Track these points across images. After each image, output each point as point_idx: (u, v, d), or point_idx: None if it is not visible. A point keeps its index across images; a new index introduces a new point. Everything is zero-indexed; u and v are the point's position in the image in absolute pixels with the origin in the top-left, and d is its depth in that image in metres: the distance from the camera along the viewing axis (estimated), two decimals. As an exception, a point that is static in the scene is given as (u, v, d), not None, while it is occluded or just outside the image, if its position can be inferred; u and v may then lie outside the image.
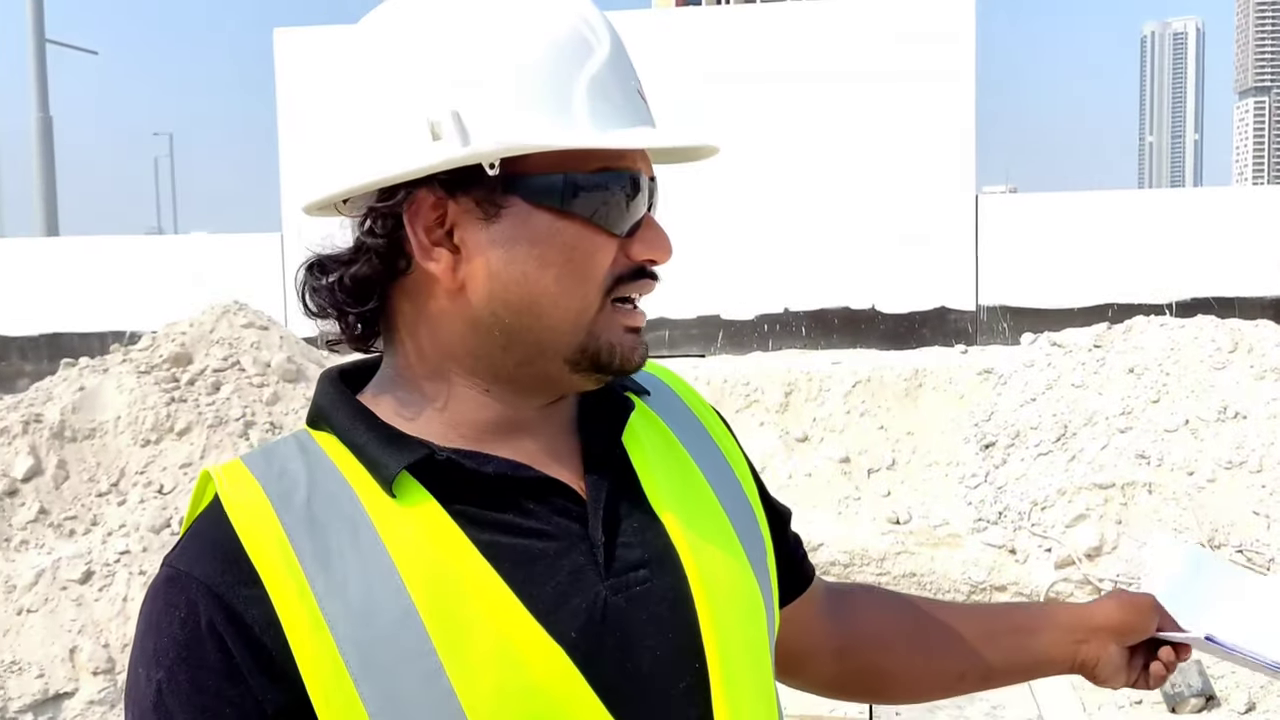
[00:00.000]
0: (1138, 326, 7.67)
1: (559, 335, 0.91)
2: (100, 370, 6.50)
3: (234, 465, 0.91)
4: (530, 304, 0.89)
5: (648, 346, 0.96)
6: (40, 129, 14.36)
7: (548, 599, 0.87)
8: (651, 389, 1.08)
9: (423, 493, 0.88)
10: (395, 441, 0.90)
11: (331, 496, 0.88)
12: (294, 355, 6.87)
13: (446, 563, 0.86)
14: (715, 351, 9.72)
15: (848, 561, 6.53)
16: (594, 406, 1.00)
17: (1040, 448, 7.07)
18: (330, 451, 0.91)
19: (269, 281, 10.04)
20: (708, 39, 9.85)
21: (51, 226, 13.88)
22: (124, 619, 5.25)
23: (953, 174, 9.53)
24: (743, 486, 1.08)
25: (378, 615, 0.83)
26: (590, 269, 0.90)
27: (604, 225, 0.90)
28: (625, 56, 0.94)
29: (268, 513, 0.86)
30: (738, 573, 0.99)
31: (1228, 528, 6.11)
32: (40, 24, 14.66)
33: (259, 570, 0.83)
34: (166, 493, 5.92)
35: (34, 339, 10.67)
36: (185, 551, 0.87)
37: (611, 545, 0.92)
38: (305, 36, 10.28)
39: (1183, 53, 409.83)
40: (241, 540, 0.84)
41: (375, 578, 0.84)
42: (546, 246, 0.89)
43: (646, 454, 1.00)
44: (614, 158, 0.90)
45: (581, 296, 0.90)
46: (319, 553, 0.84)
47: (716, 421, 1.13)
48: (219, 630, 0.82)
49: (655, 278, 0.94)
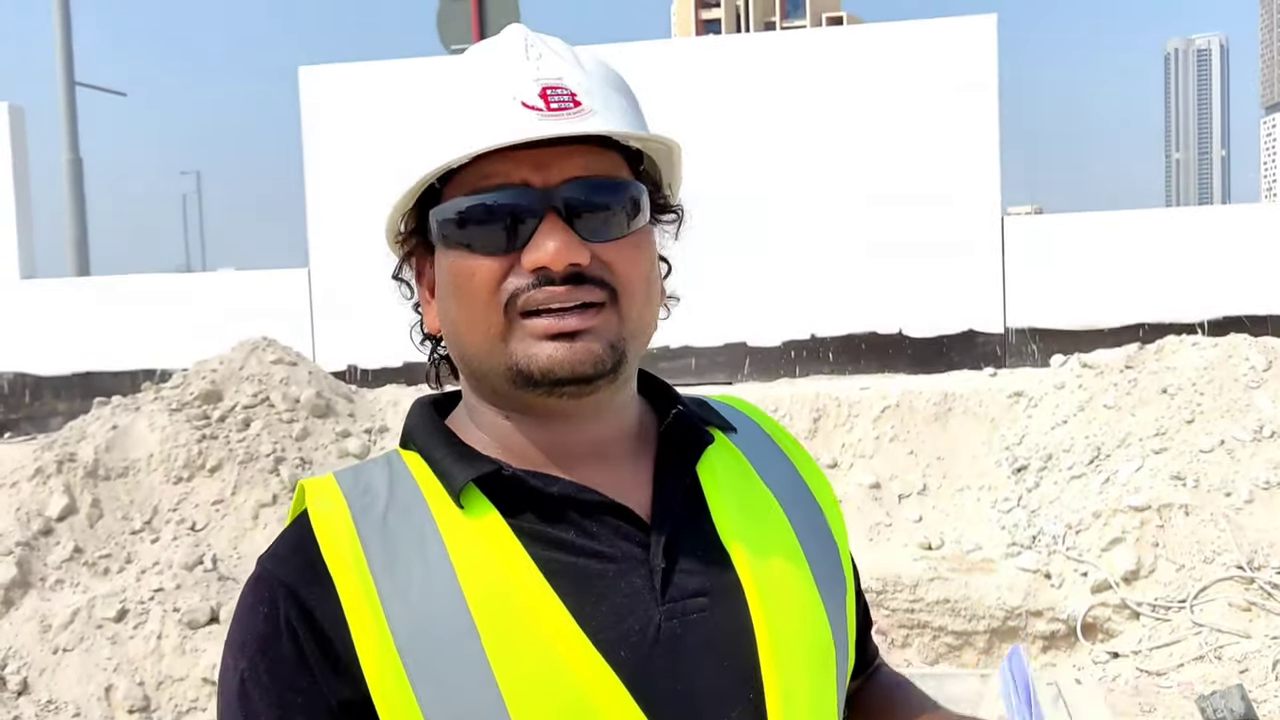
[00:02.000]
0: (1170, 346, 7.60)
1: (483, 359, 0.95)
2: (132, 409, 6.55)
3: (326, 479, 0.98)
4: (456, 335, 0.97)
5: (598, 352, 0.92)
6: (70, 171, 14.54)
7: (601, 618, 0.89)
8: (740, 426, 1.09)
9: (489, 507, 0.93)
10: (467, 457, 0.95)
11: (406, 508, 0.93)
12: (323, 390, 6.91)
13: (505, 575, 0.89)
14: (742, 379, 9.69)
15: (880, 588, 6.47)
16: (672, 438, 1.02)
17: (1073, 470, 7.00)
18: (413, 467, 0.97)
19: (297, 317, 10.10)
20: (729, 68, 9.88)
21: (83, 266, 14.03)
22: (158, 657, 5.26)
23: (978, 195, 9.49)
24: (831, 531, 1.08)
25: (436, 621, 0.87)
26: (474, 292, 0.93)
27: (478, 248, 0.93)
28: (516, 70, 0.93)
29: (347, 522, 0.92)
30: (809, 608, 0.99)
31: (1267, 549, 6.02)
32: (70, 67, 14.89)
33: (332, 573, 0.89)
34: (199, 529, 5.94)
35: (67, 378, 10.77)
36: (274, 553, 0.95)
37: (671, 571, 0.94)
38: (330, 74, 10.39)
39: (1207, 69, 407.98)
40: (320, 545, 0.91)
41: (437, 585, 0.88)
42: (445, 282, 0.96)
43: (720, 485, 1.01)
44: (478, 179, 0.93)
45: (483, 319, 0.93)
46: (388, 559, 0.90)
47: (809, 462, 1.13)
48: (294, 625, 0.89)
49: (564, 282, 0.91)
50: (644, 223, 0.98)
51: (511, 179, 0.92)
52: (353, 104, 9.90)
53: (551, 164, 0.92)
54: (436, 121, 0.95)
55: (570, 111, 0.91)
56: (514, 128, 0.90)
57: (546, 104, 0.91)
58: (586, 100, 0.93)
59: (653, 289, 0.99)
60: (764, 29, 77.58)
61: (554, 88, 0.92)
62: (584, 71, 0.95)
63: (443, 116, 0.94)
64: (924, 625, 6.44)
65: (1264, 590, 5.76)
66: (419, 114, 0.97)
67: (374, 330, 9.01)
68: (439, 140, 0.93)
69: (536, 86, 0.92)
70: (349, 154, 9.69)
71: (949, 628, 6.42)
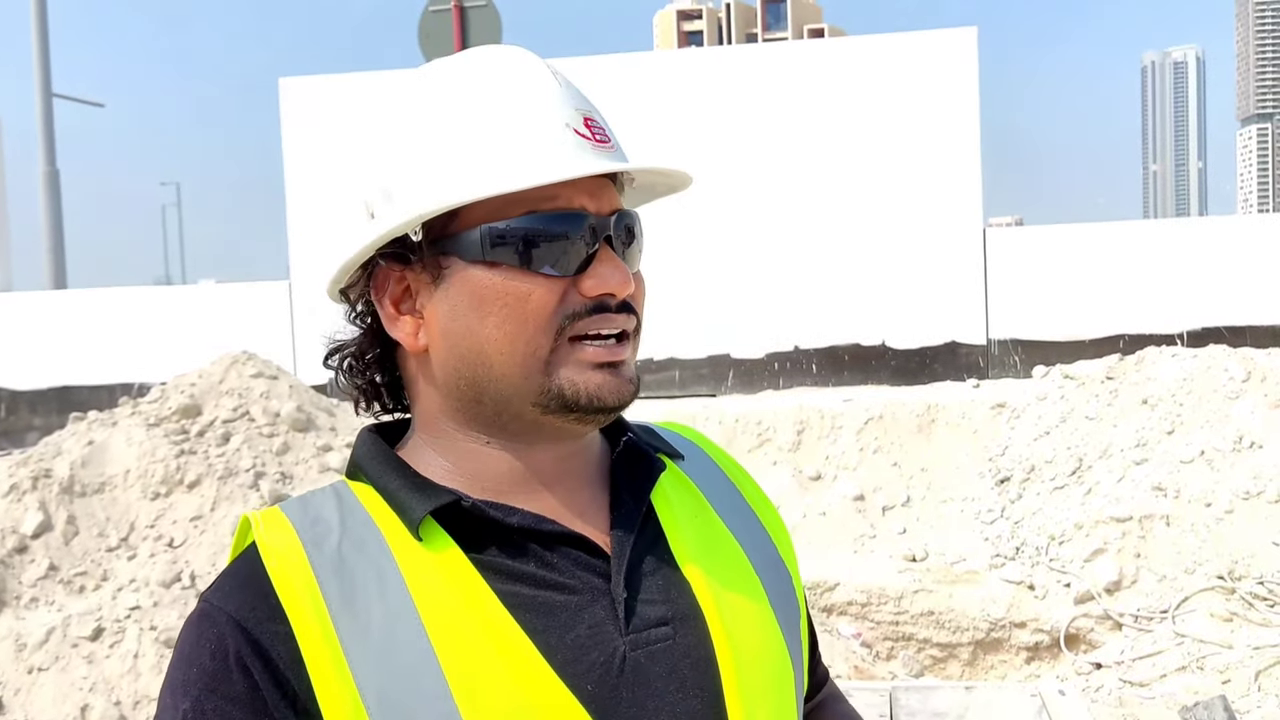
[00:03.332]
0: (1150, 357, 7.63)
1: (513, 381, 0.93)
2: (109, 423, 6.49)
3: (272, 512, 0.94)
4: (478, 354, 0.93)
5: (632, 382, 0.95)
6: (48, 182, 14.45)
7: (566, 651, 0.88)
8: (686, 453, 1.09)
9: (448, 540, 0.91)
10: (424, 488, 0.93)
11: (361, 541, 0.90)
12: (303, 404, 6.85)
13: (467, 610, 0.87)
14: (726, 391, 9.68)
15: (865, 601, 6.46)
16: (624, 466, 1.02)
17: (1055, 481, 7.01)
18: (364, 499, 0.94)
19: (278, 330, 10.04)
20: (711, 80, 9.89)
21: (60, 279, 13.93)
22: (135, 676, 5.20)
23: (959, 207, 9.53)
24: (780, 554, 1.09)
25: (397, 657, 0.85)
26: (527, 313, 0.91)
27: (536, 268, 0.91)
28: (559, 95, 0.94)
29: (299, 556, 0.89)
30: (768, 636, 0.99)
31: (1247, 559, 6.03)
32: (47, 79, 14.81)
33: (286, 609, 0.86)
34: (177, 546, 5.88)
35: (43, 392, 10.68)
36: (219, 588, 0.90)
37: (634, 601, 0.93)
38: (310, 85, 10.36)
39: (1184, 81, 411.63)
40: (273, 580, 0.87)
41: (397, 621, 0.86)
42: (481, 298, 0.92)
43: (675, 513, 1.01)
44: (540, 200, 0.92)
45: (526, 340, 0.92)
46: (345, 594, 0.87)
47: (754, 488, 1.14)
48: (245, 663, 0.85)
49: (617, 310, 0.94)
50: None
51: (573, 205, 0.92)
52: (333, 115, 9.87)
53: (600, 194, 0.94)
54: (482, 136, 0.92)
55: (609, 145, 0.94)
56: (585, 157, 0.91)
57: (592, 134, 0.93)
58: (611, 134, 0.96)
59: None
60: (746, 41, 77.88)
61: (590, 119, 0.94)
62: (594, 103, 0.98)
63: (491, 132, 0.92)
64: (909, 637, 6.43)
65: (1245, 600, 5.77)
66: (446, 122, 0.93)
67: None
68: (497, 157, 0.91)
69: (579, 115, 0.94)
70: (329, 165, 9.65)
71: (933, 640, 6.41)
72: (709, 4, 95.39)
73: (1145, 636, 5.78)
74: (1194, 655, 5.43)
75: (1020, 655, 6.29)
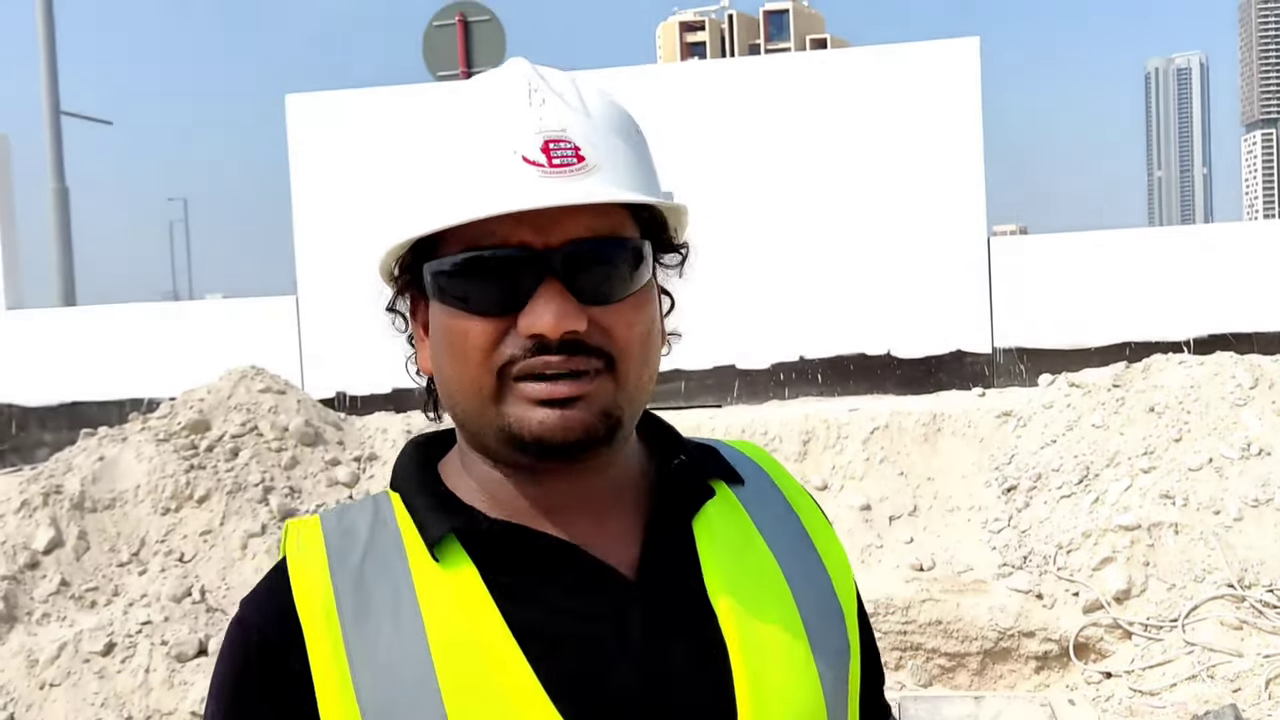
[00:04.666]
0: (1156, 365, 7.62)
1: (473, 419, 0.92)
2: (119, 439, 6.52)
3: (310, 521, 0.97)
4: (446, 389, 0.94)
5: (591, 419, 0.89)
6: (57, 200, 14.51)
7: (571, 682, 0.86)
8: (749, 476, 1.06)
9: (465, 560, 0.90)
10: (446, 506, 0.93)
11: (384, 557, 0.91)
12: (311, 419, 6.88)
13: (473, 633, 0.87)
14: (731, 401, 9.69)
15: (873, 611, 6.45)
16: (669, 491, 0.99)
17: (1063, 490, 7.00)
18: (399, 513, 0.95)
19: (285, 345, 10.07)
20: (715, 91, 9.92)
21: (69, 296, 13.97)
22: (146, 691, 5.22)
23: (963, 216, 9.53)
24: (834, 587, 1.04)
25: (399, 676, 0.85)
26: (467, 352, 0.90)
27: (472, 308, 0.89)
28: (519, 119, 0.89)
29: (322, 571, 0.91)
30: (799, 675, 0.95)
31: (1257, 567, 6.03)
32: (55, 97, 14.88)
33: (304, 626, 0.88)
34: (187, 561, 5.90)
35: (53, 409, 10.72)
36: (254, 597, 0.94)
37: (653, 633, 0.90)
38: (316, 101, 10.40)
39: (1187, 88, 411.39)
40: (294, 594, 0.90)
41: (404, 639, 0.86)
42: (437, 337, 0.93)
43: (716, 544, 0.97)
44: (478, 236, 0.88)
45: (473, 380, 0.90)
46: (360, 612, 0.88)
47: (817, 515, 1.10)
48: (263, 676, 0.88)
49: (560, 350, 0.88)
50: (646, 279, 0.94)
51: (510, 240, 0.88)
52: (340, 131, 9.91)
53: (553, 224, 0.88)
54: (434, 170, 0.91)
55: (573, 169, 0.87)
56: (513, 190, 0.86)
57: (549, 159, 0.87)
58: (590, 154, 0.88)
59: (651, 347, 0.94)
60: (749, 52, 77.97)
61: (556, 141, 0.88)
62: (589, 118, 0.91)
63: (440, 166, 0.91)
64: (916, 647, 6.43)
65: (1255, 609, 5.76)
66: (414, 156, 0.94)
67: (363, 357, 9.00)
68: (436, 193, 0.90)
69: (539, 139, 0.87)
70: (336, 181, 9.70)
71: (941, 649, 6.40)
72: (712, 15, 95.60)
73: (1155, 645, 5.77)
74: (1204, 664, 5.43)
75: (1029, 665, 6.28)
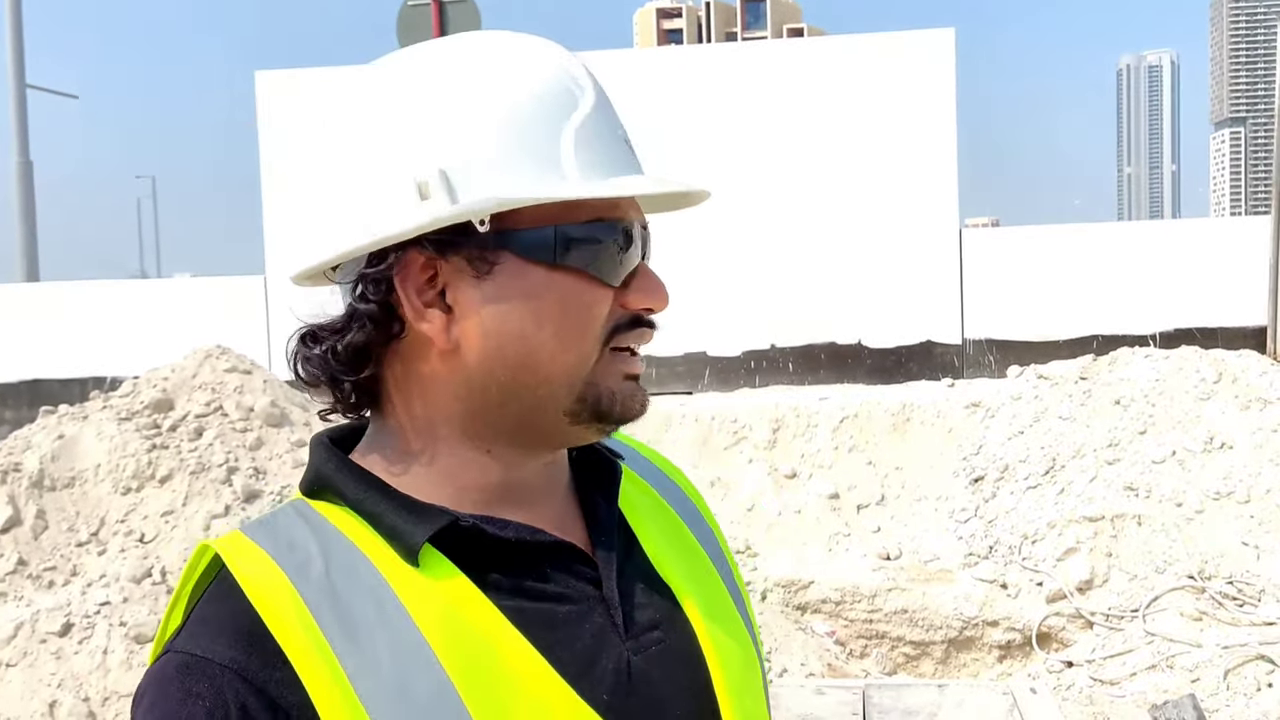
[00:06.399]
0: (1123, 358, 7.69)
1: (557, 388, 0.89)
2: (80, 418, 6.43)
3: (234, 538, 0.86)
4: (527, 359, 0.88)
5: (647, 395, 0.94)
6: (21, 174, 14.32)
7: (577, 662, 0.86)
8: (624, 454, 1.06)
9: (444, 561, 0.86)
10: (415, 510, 0.87)
11: (350, 568, 0.84)
12: (277, 399, 6.81)
13: (477, 632, 0.84)
14: (702, 389, 9.69)
15: (839, 599, 6.48)
16: (585, 470, 1.00)
17: (1029, 481, 7.05)
18: (336, 521, 0.87)
19: (252, 325, 9.98)
20: (691, 78, 9.89)
21: (32, 272, 13.80)
22: (104, 672, 5.16)
23: (936, 207, 9.56)
24: (725, 555, 1.09)
25: (413, 692, 0.80)
26: (587, 321, 0.89)
27: (598, 276, 0.89)
28: (609, 105, 0.93)
29: (285, 587, 0.81)
30: (738, 632, 1.00)
31: (1217, 559, 6.09)
32: (20, 69, 14.66)
33: (286, 650, 0.78)
34: (148, 541, 5.83)
35: (14, 386, 10.58)
36: (197, 635, 0.80)
37: (628, 606, 0.92)
38: (287, 79, 10.29)
39: (1158, 85, 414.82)
40: (263, 618, 0.79)
41: (406, 652, 0.81)
42: (541, 301, 0.87)
43: (642, 517, 1.01)
44: (605, 208, 0.89)
45: (579, 349, 0.89)
46: (345, 628, 0.80)
47: (688, 483, 1.14)
48: (252, 716, 0.76)
49: (653, 326, 0.94)
50: None
51: (629, 216, 0.91)
52: (309, 108, 9.81)
53: (636, 208, 0.94)
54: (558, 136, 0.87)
55: (638, 158, 0.94)
56: (638, 170, 0.91)
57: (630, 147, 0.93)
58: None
59: None
60: (725, 39, 77.98)
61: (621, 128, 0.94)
62: None
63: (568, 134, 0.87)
64: (882, 635, 6.46)
65: (1215, 600, 5.82)
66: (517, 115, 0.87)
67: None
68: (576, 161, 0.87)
69: (619, 121, 0.93)
70: (306, 159, 9.61)
71: (907, 638, 6.43)
72: (689, 2, 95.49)
73: (1116, 635, 5.82)
74: (1164, 654, 5.48)
75: (992, 653, 6.33)
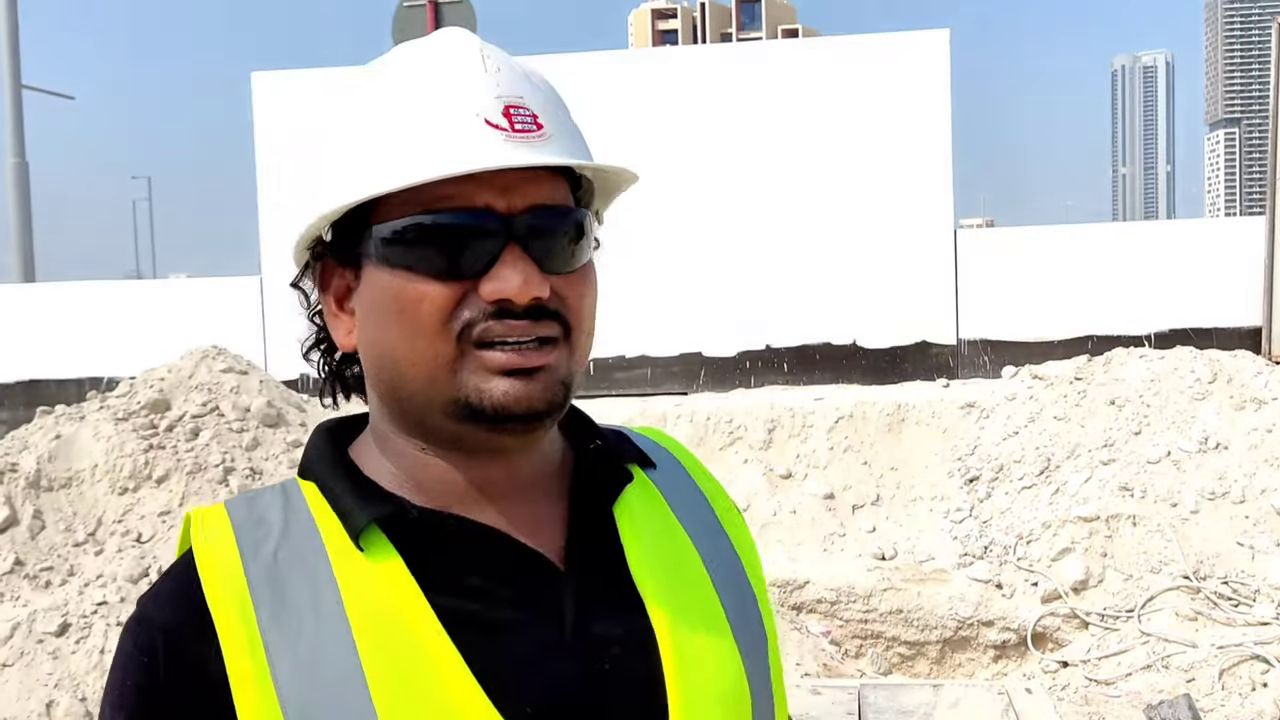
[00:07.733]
0: (1117, 358, 7.70)
1: (422, 390, 0.88)
2: (77, 418, 6.43)
3: (216, 510, 0.91)
4: (392, 365, 0.89)
5: (552, 390, 0.88)
6: (16, 175, 14.31)
7: (504, 671, 0.84)
8: (660, 462, 1.04)
9: (390, 550, 0.87)
10: (369, 494, 0.89)
11: (299, 548, 0.87)
12: (274, 399, 6.81)
13: (401, 624, 0.84)
14: (697, 389, 9.70)
15: (834, 599, 6.49)
16: (588, 476, 0.97)
17: (1024, 481, 7.07)
18: (311, 502, 0.90)
19: (249, 325, 9.98)
20: (686, 78, 9.90)
21: (28, 273, 13.79)
22: (101, 672, 5.16)
23: (931, 208, 9.58)
24: (748, 574, 1.03)
25: (323, 672, 0.82)
26: (421, 319, 0.86)
27: (428, 271, 0.86)
28: (478, 84, 0.88)
29: (234, 564, 0.86)
30: (724, 662, 0.94)
31: (1212, 559, 6.11)
32: (16, 70, 14.65)
33: (216, 624, 0.84)
34: (145, 541, 5.84)
35: (10, 386, 10.57)
36: (157, 595, 0.88)
37: (583, 620, 0.89)
38: (283, 80, 10.29)
39: (1153, 86, 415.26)
40: (205, 591, 0.85)
41: (327, 633, 0.83)
42: (383, 303, 0.88)
43: (638, 528, 0.96)
44: (436, 199, 0.85)
45: (426, 348, 0.86)
46: (275, 607, 0.84)
47: (726, 501, 1.08)
48: (171, 678, 0.83)
49: (524, 316, 0.87)
50: (592, 253, 0.94)
51: (474, 202, 0.86)
52: (305, 109, 9.81)
53: (515, 189, 0.87)
54: (382, 131, 0.87)
55: (535, 135, 0.87)
56: (484, 151, 0.84)
57: (510, 124, 0.86)
58: (547, 124, 0.88)
59: (593, 321, 0.94)
60: (720, 40, 77.94)
61: (516, 107, 0.87)
62: (539, 90, 0.91)
63: (395, 125, 0.87)
64: (877, 635, 6.47)
65: (1210, 600, 5.84)
66: (353, 118, 0.90)
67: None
68: (388, 154, 0.86)
69: (499, 104, 0.87)
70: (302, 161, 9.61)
71: (902, 638, 6.45)
72: (684, 3, 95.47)
73: (1111, 635, 5.84)
74: (1159, 654, 5.49)
75: (987, 653, 6.34)
